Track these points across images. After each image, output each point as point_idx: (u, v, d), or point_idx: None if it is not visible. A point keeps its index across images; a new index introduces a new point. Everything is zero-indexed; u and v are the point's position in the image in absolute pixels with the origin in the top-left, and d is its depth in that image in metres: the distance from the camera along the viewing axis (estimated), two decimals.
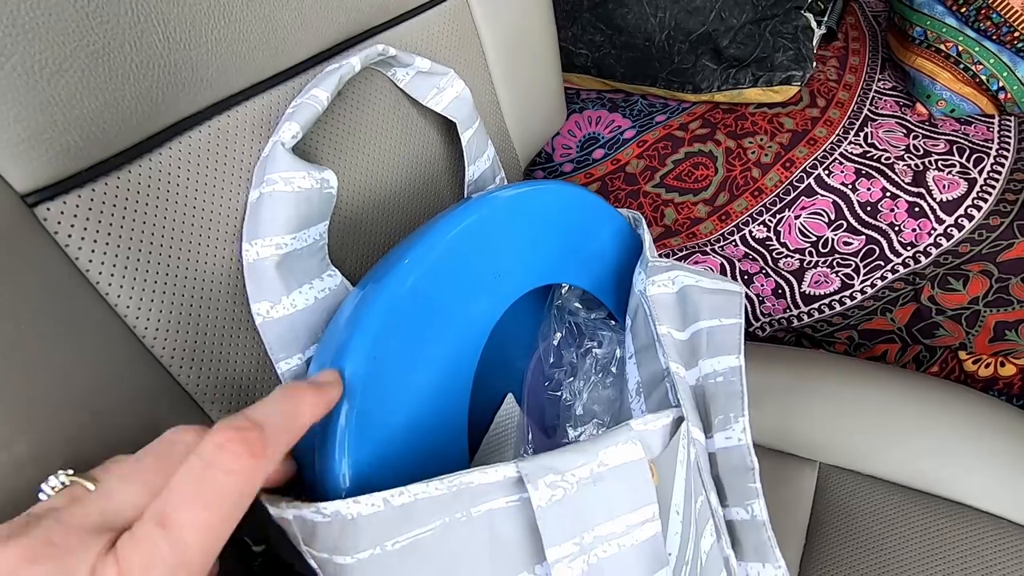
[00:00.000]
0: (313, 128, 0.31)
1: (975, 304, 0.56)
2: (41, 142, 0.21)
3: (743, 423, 0.28)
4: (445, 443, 0.24)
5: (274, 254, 0.26)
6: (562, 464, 0.21)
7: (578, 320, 0.36)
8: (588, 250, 0.33)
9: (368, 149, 0.34)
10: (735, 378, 0.28)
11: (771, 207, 0.62)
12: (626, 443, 0.22)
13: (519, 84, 0.48)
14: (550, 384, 0.36)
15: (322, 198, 0.27)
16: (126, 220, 0.24)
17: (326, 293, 0.27)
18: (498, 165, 0.40)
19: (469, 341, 0.26)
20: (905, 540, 0.39)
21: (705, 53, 0.65)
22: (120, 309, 0.24)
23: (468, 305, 0.26)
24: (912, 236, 0.57)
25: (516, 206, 0.29)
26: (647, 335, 0.30)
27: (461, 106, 0.36)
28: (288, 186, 0.26)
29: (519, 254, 0.29)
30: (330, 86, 0.28)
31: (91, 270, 0.23)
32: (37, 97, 0.20)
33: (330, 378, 0.21)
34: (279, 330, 0.26)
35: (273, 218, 0.26)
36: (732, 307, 0.30)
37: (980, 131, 0.62)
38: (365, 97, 0.34)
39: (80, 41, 0.21)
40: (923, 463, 0.42)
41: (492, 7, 0.43)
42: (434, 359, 0.24)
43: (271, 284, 0.26)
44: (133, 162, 0.24)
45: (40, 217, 0.21)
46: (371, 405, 0.22)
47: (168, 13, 0.24)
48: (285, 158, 0.26)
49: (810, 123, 0.65)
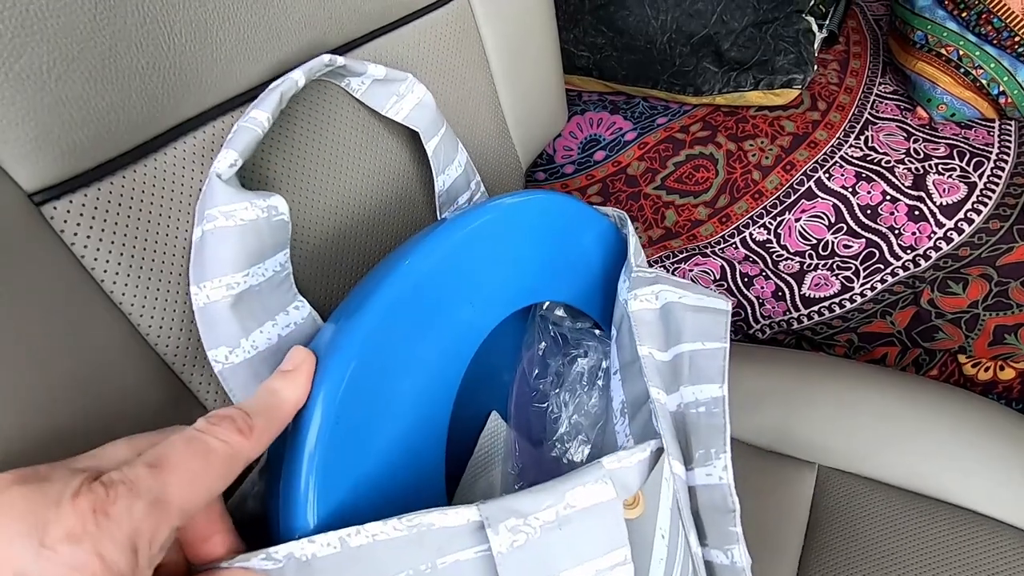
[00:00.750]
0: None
1: (975, 308, 0.56)
2: (49, 142, 0.21)
3: (724, 460, 0.26)
4: (422, 480, 0.24)
5: (226, 295, 0.24)
6: (526, 506, 0.20)
7: (563, 330, 0.35)
8: (570, 259, 0.31)
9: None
10: (717, 410, 0.27)
11: (771, 210, 0.62)
12: (596, 483, 0.21)
13: (521, 86, 0.48)
14: (536, 395, 0.35)
15: (273, 227, 0.25)
16: (131, 219, 0.24)
17: (291, 328, 0.25)
18: (472, 170, 0.38)
19: (445, 375, 0.25)
20: (904, 543, 0.39)
21: (706, 56, 0.65)
22: (124, 307, 0.24)
23: (443, 338, 0.25)
24: (912, 239, 0.57)
25: (492, 226, 0.27)
26: (631, 350, 0.29)
27: (424, 113, 0.34)
28: (230, 220, 0.24)
29: (497, 277, 0.27)
30: (270, 106, 0.26)
31: (96, 268, 0.23)
32: (45, 97, 0.21)
33: (297, 359, 0.21)
34: (242, 376, 0.24)
35: (219, 257, 0.24)
36: (717, 328, 0.28)
37: (980, 135, 0.62)
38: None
39: (88, 42, 0.22)
40: (922, 466, 0.42)
41: (494, 9, 0.43)
42: (409, 396, 0.23)
43: (227, 328, 0.24)
44: (138, 161, 0.24)
45: (47, 216, 0.22)
46: (341, 450, 0.21)
47: (174, 16, 0.24)
48: (223, 190, 0.24)
49: (811, 126, 0.65)
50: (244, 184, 0.28)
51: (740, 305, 0.64)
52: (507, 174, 0.49)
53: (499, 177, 0.47)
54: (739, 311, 0.64)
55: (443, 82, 0.40)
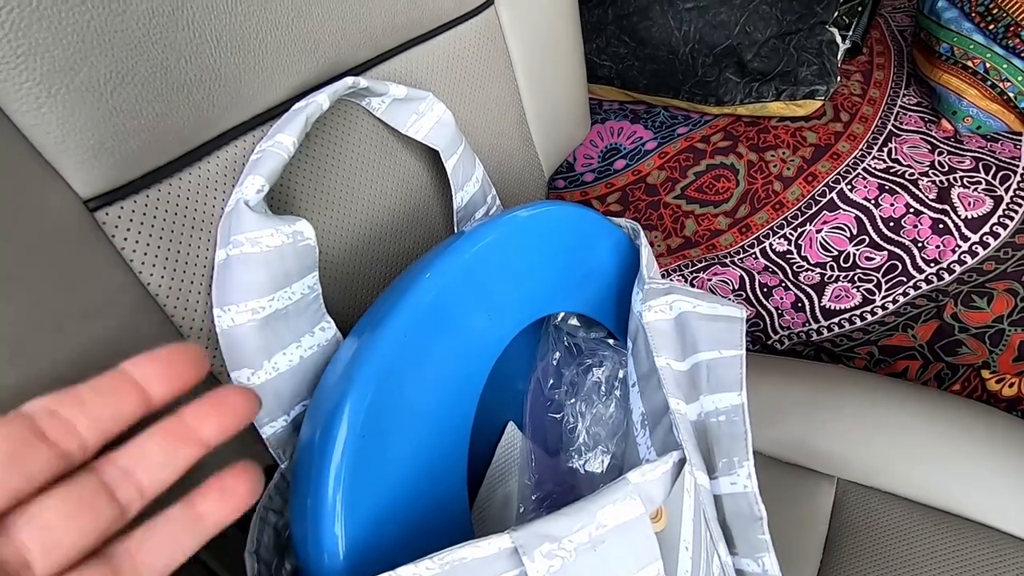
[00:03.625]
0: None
1: (999, 323, 0.55)
2: (104, 150, 0.22)
3: (748, 468, 0.26)
4: (446, 490, 0.24)
5: (251, 320, 0.24)
6: (558, 531, 0.19)
7: (577, 340, 0.35)
8: (585, 269, 0.31)
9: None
10: (737, 418, 0.27)
11: (792, 221, 0.62)
12: (625, 500, 0.21)
13: (546, 96, 0.48)
14: (551, 405, 0.35)
15: (298, 252, 0.25)
16: (176, 226, 0.25)
17: (314, 350, 0.26)
18: (488, 184, 0.38)
19: (466, 386, 0.25)
20: (923, 559, 0.39)
21: (729, 66, 0.65)
22: (168, 310, 0.25)
23: (462, 350, 0.25)
24: (936, 253, 0.57)
25: (508, 238, 0.27)
26: (648, 363, 0.29)
27: (443, 132, 0.35)
28: (255, 247, 0.24)
29: (513, 289, 0.28)
30: (296, 129, 0.27)
31: (143, 272, 0.24)
32: (102, 108, 0.22)
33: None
34: (263, 396, 0.23)
35: (244, 283, 0.24)
36: (732, 336, 0.28)
37: (1007, 148, 0.61)
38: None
39: (142, 55, 0.23)
40: (943, 482, 0.41)
41: (521, 21, 0.44)
42: (431, 408, 0.24)
43: (251, 351, 0.24)
44: (184, 170, 0.25)
45: (99, 221, 0.23)
46: (367, 463, 0.21)
47: (220, 30, 0.25)
48: (249, 217, 0.24)
49: (833, 137, 0.65)
50: (270, 205, 0.29)
51: (759, 316, 0.64)
52: (530, 183, 0.49)
53: (522, 186, 0.48)
54: (758, 322, 0.64)
55: (469, 92, 0.41)
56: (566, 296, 0.31)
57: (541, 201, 0.30)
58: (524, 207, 0.29)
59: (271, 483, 0.24)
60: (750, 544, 0.27)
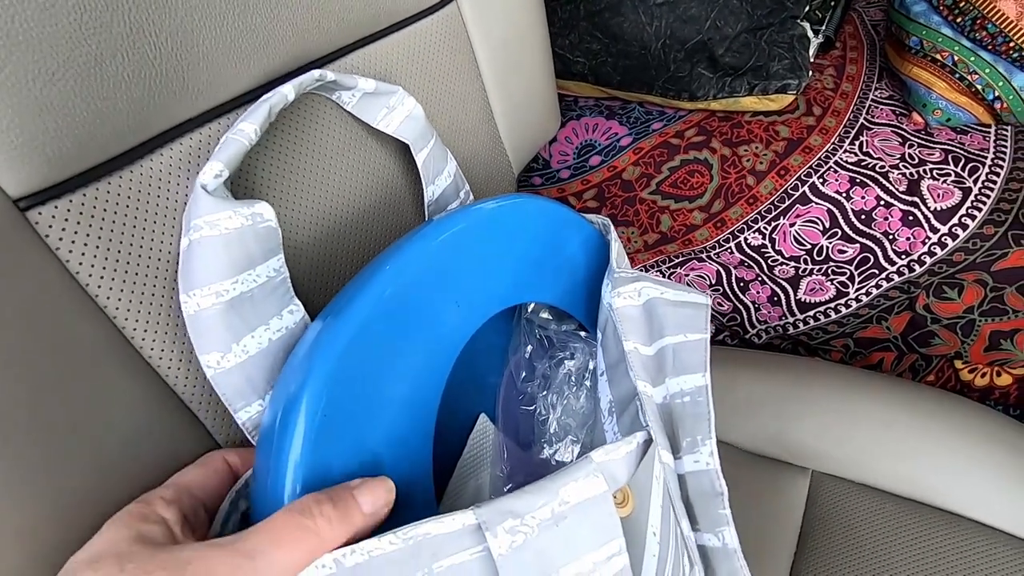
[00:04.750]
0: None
1: (970, 313, 0.56)
2: (34, 149, 0.21)
3: (710, 446, 0.27)
4: (411, 479, 0.24)
5: (216, 303, 0.24)
6: (521, 507, 0.20)
7: (548, 333, 0.36)
8: (556, 262, 0.32)
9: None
10: (701, 398, 0.28)
11: (766, 215, 0.62)
12: (587, 477, 0.21)
13: (512, 92, 0.48)
14: (524, 398, 0.35)
15: (259, 234, 0.25)
16: (116, 225, 0.24)
17: (283, 333, 0.26)
18: (461, 179, 0.39)
19: (432, 374, 0.25)
20: (897, 550, 0.39)
21: (701, 61, 0.66)
22: (109, 311, 0.24)
23: (428, 338, 0.25)
24: (906, 245, 0.57)
25: (476, 229, 0.28)
26: (617, 351, 0.29)
27: (413, 125, 0.35)
28: (214, 230, 0.24)
29: (482, 278, 0.28)
30: (259, 118, 0.27)
31: (80, 273, 0.23)
32: (31, 105, 0.21)
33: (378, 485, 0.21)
34: (234, 380, 0.24)
35: (206, 266, 0.24)
36: (698, 321, 0.29)
37: (976, 140, 0.62)
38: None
39: (74, 50, 0.22)
40: (916, 472, 0.41)
41: (485, 16, 0.43)
42: (395, 395, 0.24)
43: (218, 334, 0.24)
44: (124, 168, 0.25)
45: (31, 221, 0.22)
46: (327, 447, 0.21)
47: (161, 22, 0.25)
48: (206, 200, 0.24)
49: (805, 131, 0.65)
50: (235, 194, 0.29)
51: (736, 310, 0.64)
52: (498, 179, 0.49)
53: (490, 182, 0.48)
54: (735, 316, 0.64)
55: (434, 88, 0.40)
56: (536, 287, 0.31)
57: (511, 194, 0.30)
58: (493, 199, 0.29)
59: (235, 487, 0.24)
60: (711, 519, 0.27)
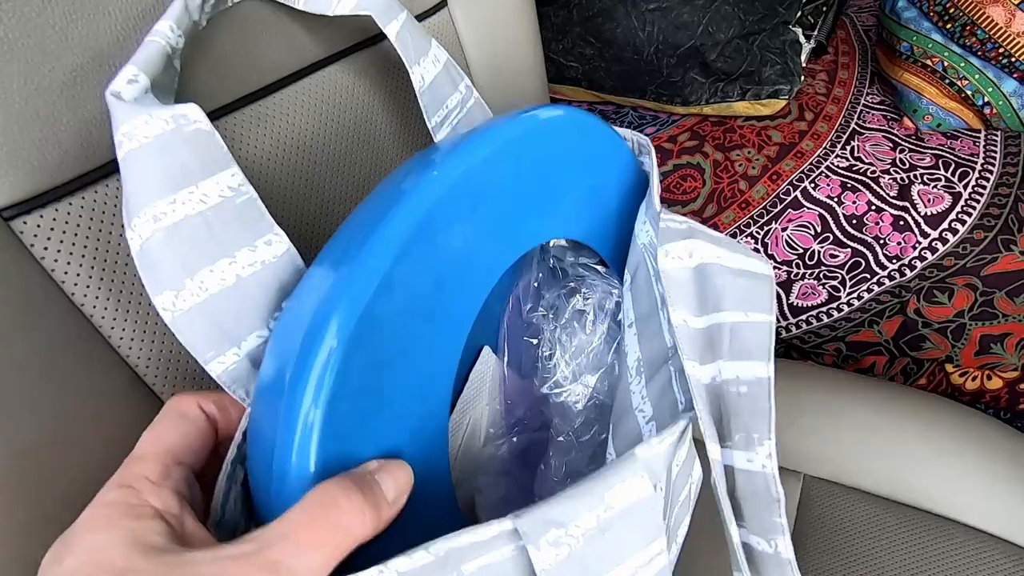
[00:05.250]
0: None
1: (960, 317, 0.56)
2: (18, 159, 0.21)
3: (768, 447, 0.23)
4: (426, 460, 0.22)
5: (156, 229, 0.20)
6: (565, 515, 0.18)
7: (564, 265, 0.31)
8: (588, 188, 0.27)
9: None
10: (763, 391, 0.24)
11: (758, 219, 0.62)
12: (634, 477, 0.19)
13: (504, 98, 0.48)
14: (528, 328, 0.31)
15: (188, 140, 0.20)
16: (102, 234, 0.24)
17: (256, 268, 0.21)
18: (456, 70, 0.33)
19: (454, 326, 0.22)
20: (888, 553, 0.39)
21: (693, 67, 0.66)
22: (95, 320, 0.24)
23: (455, 284, 0.22)
24: (897, 249, 0.58)
25: (521, 144, 0.23)
26: (649, 301, 0.26)
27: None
28: (133, 141, 0.20)
29: (518, 208, 0.24)
30: (173, 14, 0.23)
31: (66, 281, 0.23)
32: (15, 116, 0.21)
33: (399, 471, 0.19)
34: (196, 323, 0.20)
35: (135, 188, 0.20)
36: (761, 297, 0.25)
37: (966, 145, 0.62)
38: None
39: (60, 61, 0.22)
40: (908, 477, 0.42)
41: (476, 22, 0.44)
42: (416, 345, 0.21)
43: (167, 268, 0.20)
44: (110, 177, 0.25)
45: (16, 231, 0.22)
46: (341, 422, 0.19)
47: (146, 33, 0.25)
48: (121, 108, 0.20)
49: (797, 136, 0.66)
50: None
51: None
52: None
53: None
54: None
55: None
56: (568, 219, 0.27)
57: (545, 105, 0.26)
58: (539, 108, 0.24)
59: (239, 431, 0.20)
60: (762, 524, 0.24)
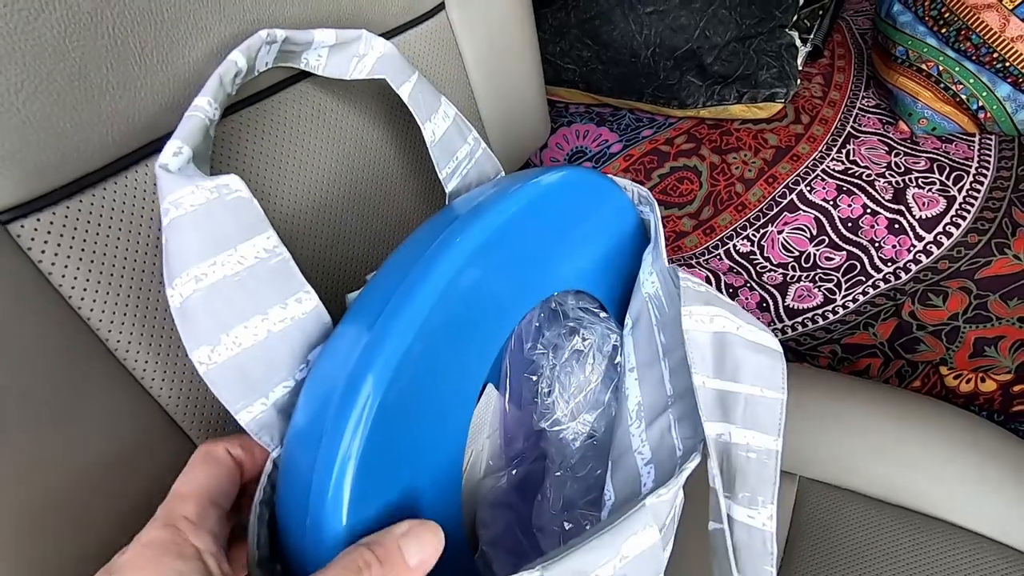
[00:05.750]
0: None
1: (955, 320, 0.56)
2: (16, 162, 0.21)
3: (770, 511, 0.26)
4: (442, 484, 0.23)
5: (197, 288, 0.22)
6: (585, 566, 0.20)
7: (565, 308, 0.33)
8: (588, 238, 0.29)
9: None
10: (770, 461, 0.26)
11: (755, 222, 0.62)
12: (645, 529, 0.21)
13: (502, 99, 0.48)
14: (530, 366, 0.33)
15: (229, 207, 0.22)
16: (100, 237, 0.24)
17: (286, 324, 0.23)
18: (466, 124, 0.35)
19: (472, 376, 0.24)
20: (883, 555, 0.39)
21: (690, 70, 0.66)
22: (93, 323, 0.24)
23: (479, 336, 0.24)
24: (892, 252, 0.58)
25: (542, 202, 0.25)
26: (651, 349, 0.28)
27: (388, 61, 0.32)
28: (180, 209, 0.22)
29: (523, 270, 0.25)
30: (210, 90, 0.25)
31: (64, 285, 0.23)
32: (13, 118, 0.21)
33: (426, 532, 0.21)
34: (229, 375, 0.22)
35: (180, 250, 0.22)
36: (775, 375, 0.27)
37: (961, 149, 0.63)
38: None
39: (57, 64, 0.22)
40: (902, 479, 0.42)
41: (473, 24, 0.44)
42: (438, 398, 0.22)
43: (205, 324, 0.22)
44: (108, 180, 0.25)
45: (14, 234, 0.22)
46: (373, 476, 0.20)
47: (145, 36, 0.25)
48: (168, 180, 0.22)
49: (794, 139, 0.66)
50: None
51: None
52: None
53: None
54: None
55: None
56: (570, 271, 0.28)
57: (554, 166, 0.28)
58: (548, 170, 0.27)
59: (264, 475, 0.22)
60: (755, 570, 0.27)
